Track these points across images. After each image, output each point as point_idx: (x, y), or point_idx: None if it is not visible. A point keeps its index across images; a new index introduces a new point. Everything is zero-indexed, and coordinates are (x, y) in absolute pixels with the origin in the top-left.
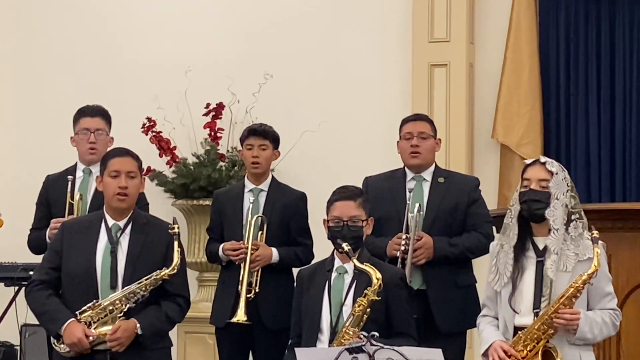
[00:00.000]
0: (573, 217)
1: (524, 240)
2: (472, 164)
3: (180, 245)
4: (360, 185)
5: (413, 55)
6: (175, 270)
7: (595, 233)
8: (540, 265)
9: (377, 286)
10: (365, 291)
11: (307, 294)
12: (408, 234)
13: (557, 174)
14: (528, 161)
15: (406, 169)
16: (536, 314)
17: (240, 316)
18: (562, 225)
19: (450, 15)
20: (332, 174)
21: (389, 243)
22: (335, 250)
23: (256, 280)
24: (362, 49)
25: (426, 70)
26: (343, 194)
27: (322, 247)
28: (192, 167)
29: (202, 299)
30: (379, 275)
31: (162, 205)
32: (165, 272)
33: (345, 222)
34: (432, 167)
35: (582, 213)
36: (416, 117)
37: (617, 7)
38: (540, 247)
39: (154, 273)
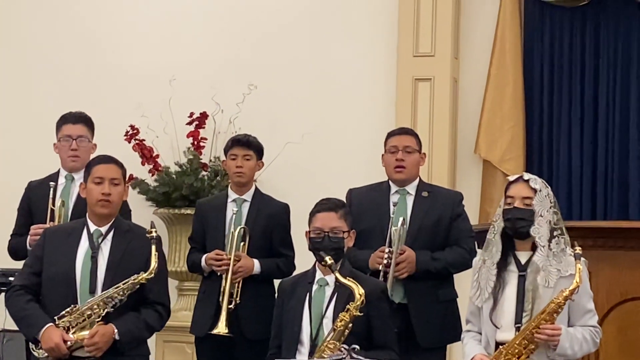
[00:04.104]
0: (555, 233)
1: (506, 256)
2: (455, 179)
3: (159, 250)
4: (343, 198)
5: (398, 69)
6: (152, 274)
7: (578, 249)
8: (522, 280)
9: (360, 302)
10: (348, 306)
11: (288, 305)
12: (391, 247)
13: (540, 191)
14: (511, 178)
15: (390, 182)
16: (517, 329)
17: (221, 328)
18: (547, 242)
19: (435, 30)
20: (315, 186)
21: (371, 256)
22: (317, 262)
23: (237, 291)
24: (346, 62)
25: (410, 84)
26: (325, 205)
27: (304, 259)
28: (174, 176)
29: (181, 308)
30: (362, 291)
31: (143, 214)
32: (142, 276)
33: (326, 233)
34: (417, 181)
35: (564, 229)
36: (402, 131)
37: (601, 26)
38: (523, 261)
39: (132, 277)
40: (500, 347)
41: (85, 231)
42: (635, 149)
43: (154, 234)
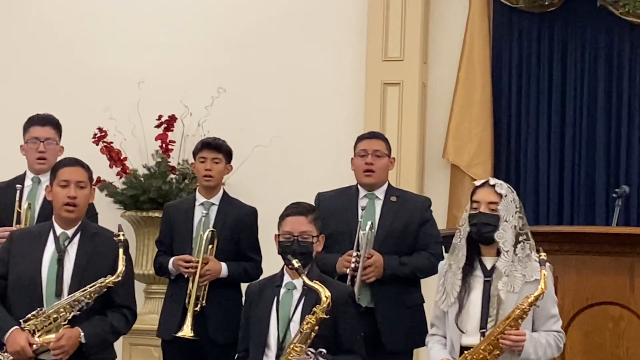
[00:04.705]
0: (520, 238)
1: (472, 260)
2: (423, 183)
3: (126, 254)
4: (312, 201)
5: (366, 74)
6: (119, 278)
7: (543, 255)
8: (487, 285)
9: (326, 304)
10: (314, 309)
11: (255, 308)
12: (359, 251)
13: (506, 196)
14: (477, 183)
15: (359, 186)
16: (482, 334)
17: (187, 331)
18: (511, 247)
19: (404, 35)
20: (284, 190)
21: (339, 260)
22: (285, 266)
23: (203, 294)
24: (316, 66)
25: (379, 88)
26: (295, 209)
27: (272, 263)
28: (142, 179)
29: (149, 311)
30: (328, 294)
31: (111, 216)
32: (110, 279)
33: (295, 238)
34: (385, 186)
35: (530, 234)
36: (371, 135)
37: (569, 31)
38: (488, 267)
39: (99, 280)
40: (465, 352)
41: (51, 234)
42: (602, 154)
43: (121, 238)
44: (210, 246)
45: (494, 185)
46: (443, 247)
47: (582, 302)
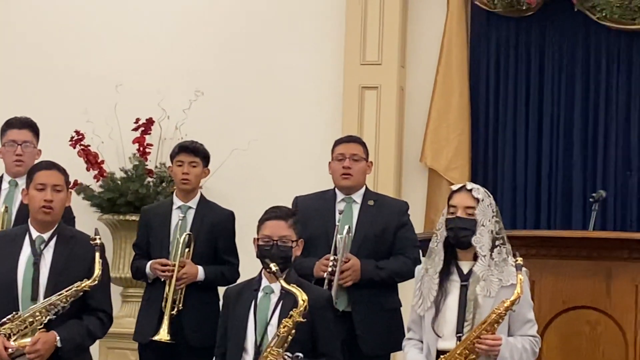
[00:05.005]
0: (497, 242)
1: (449, 265)
2: (400, 187)
3: (102, 257)
4: (289, 205)
5: (344, 77)
6: (96, 282)
7: (519, 260)
8: (464, 290)
9: (303, 308)
10: (291, 312)
11: (233, 312)
12: (336, 255)
13: (483, 200)
14: (454, 187)
15: (336, 190)
16: (459, 338)
17: (163, 335)
18: (488, 252)
19: (382, 39)
20: (261, 193)
21: (316, 264)
22: (263, 270)
23: (180, 297)
24: (294, 69)
25: (357, 92)
26: (275, 213)
27: (249, 266)
28: (119, 182)
29: (125, 314)
30: (305, 297)
31: (88, 220)
32: (86, 283)
33: (275, 242)
34: (363, 190)
35: (506, 238)
36: (349, 139)
37: (546, 36)
38: (465, 271)
39: (75, 284)
40: (441, 356)
41: (27, 238)
42: (579, 158)
43: (97, 241)
44: (187, 249)
45: (470, 190)
46: (420, 251)
47: (558, 306)
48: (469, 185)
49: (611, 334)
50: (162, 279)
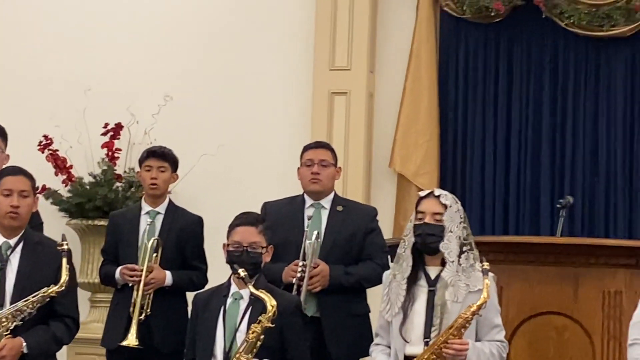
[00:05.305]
0: (465, 248)
1: (417, 270)
2: (369, 193)
3: (69, 263)
4: (258, 210)
5: (314, 83)
6: (63, 288)
7: (486, 265)
8: (431, 295)
9: (272, 313)
10: (260, 318)
11: (202, 318)
12: (305, 260)
13: (450, 206)
14: (422, 193)
15: (305, 195)
16: (426, 344)
17: (131, 340)
18: (456, 257)
19: (351, 44)
20: (230, 198)
21: (285, 269)
22: (232, 276)
23: (148, 302)
24: (263, 74)
25: (326, 97)
26: (245, 219)
27: (218, 271)
28: (88, 187)
29: (94, 319)
30: (274, 302)
31: (56, 225)
32: (53, 289)
33: (245, 248)
34: (332, 195)
35: (474, 244)
36: (318, 145)
37: (515, 42)
38: (432, 276)
39: (42, 290)
40: None
41: None
42: (547, 164)
43: (64, 247)
44: (154, 255)
45: (438, 196)
46: (389, 257)
47: (526, 311)
48: (437, 192)
49: (578, 340)
50: (130, 284)
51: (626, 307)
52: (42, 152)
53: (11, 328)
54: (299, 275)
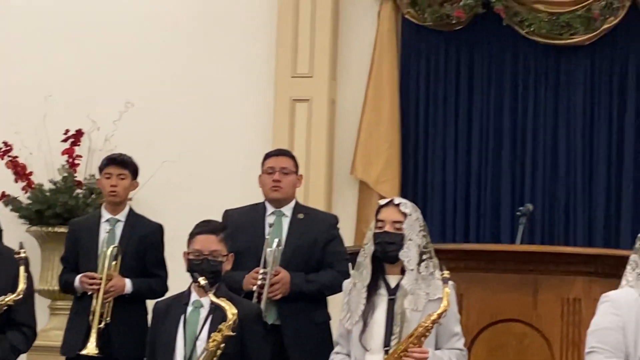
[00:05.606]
0: (424, 256)
1: (377, 279)
2: (331, 200)
3: (27, 271)
4: (219, 218)
5: (276, 90)
6: (20, 296)
7: (446, 273)
8: (391, 304)
9: (232, 322)
10: (220, 326)
11: (162, 326)
12: (266, 268)
13: (410, 215)
14: (382, 202)
15: (266, 203)
16: (386, 352)
17: (91, 349)
18: (416, 265)
19: (313, 51)
20: (191, 206)
21: (245, 277)
22: (192, 284)
23: (107, 310)
24: (224, 81)
25: (288, 105)
26: (205, 227)
27: (179, 279)
28: (48, 194)
29: (53, 327)
30: (234, 311)
31: (16, 232)
32: (10, 297)
33: (205, 256)
34: (293, 203)
35: (433, 252)
36: (279, 153)
37: (476, 50)
38: (392, 285)
39: None
40: None
41: None
42: (508, 172)
43: (22, 255)
44: (114, 262)
45: (398, 205)
46: (350, 264)
47: (486, 319)
48: (397, 200)
49: (538, 347)
50: (90, 293)
51: (585, 315)
52: (2, 159)
53: None
54: (259, 283)
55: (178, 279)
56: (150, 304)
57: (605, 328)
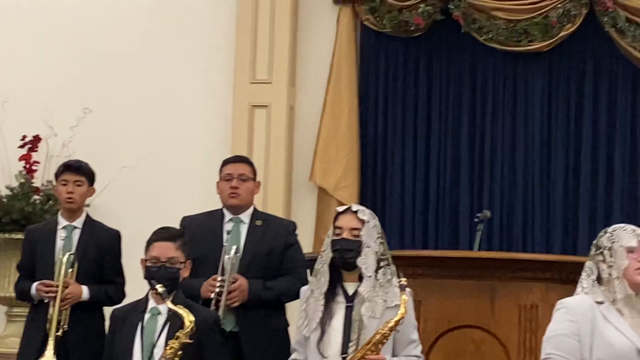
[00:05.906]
0: (382, 263)
1: (334, 286)
2: (290, 206)
3: None
4: (177, 224)
5: (234, 96)
6: None
7: (403, 280)
8: (349, 311)
9: (190, 329)
10: (177, 334)
11: (119, 334)
12: (223, 275)
13: (368, 222)
14: (340, 209)
15: (224, 210)
16: (343, 359)
17: (48, 357)
18: (373, 272)
19: (272, 57)
20: (149, 212)
21: (203, 284)
22: (150, 291)
23: (64, 318)
24: (183, 87)
25: (247, 111)
26: (163, 234)
27: (136, 286)
28: (5, 200)
29: (10, 334)
30: (192, 318)
31: None
32: None
33: (163, 263)
34: (251, 210)
35: (391, 259)
36: (237, 159)
37: (434, 57)
38: (350, 292)
39: None
40: None
41: None
42: (466, 178)
43: None
44: (70, 270)
45: (356, 212)
46: (308, 271)
47: (444, 325)
48: (355, 207)
49: (495, 353)
50: (46, 300)
51: (542, 321)
52: None
53: None
54: (217, 290)
55: (136, 286)
56: (107, 311)
57: (560, 335)
